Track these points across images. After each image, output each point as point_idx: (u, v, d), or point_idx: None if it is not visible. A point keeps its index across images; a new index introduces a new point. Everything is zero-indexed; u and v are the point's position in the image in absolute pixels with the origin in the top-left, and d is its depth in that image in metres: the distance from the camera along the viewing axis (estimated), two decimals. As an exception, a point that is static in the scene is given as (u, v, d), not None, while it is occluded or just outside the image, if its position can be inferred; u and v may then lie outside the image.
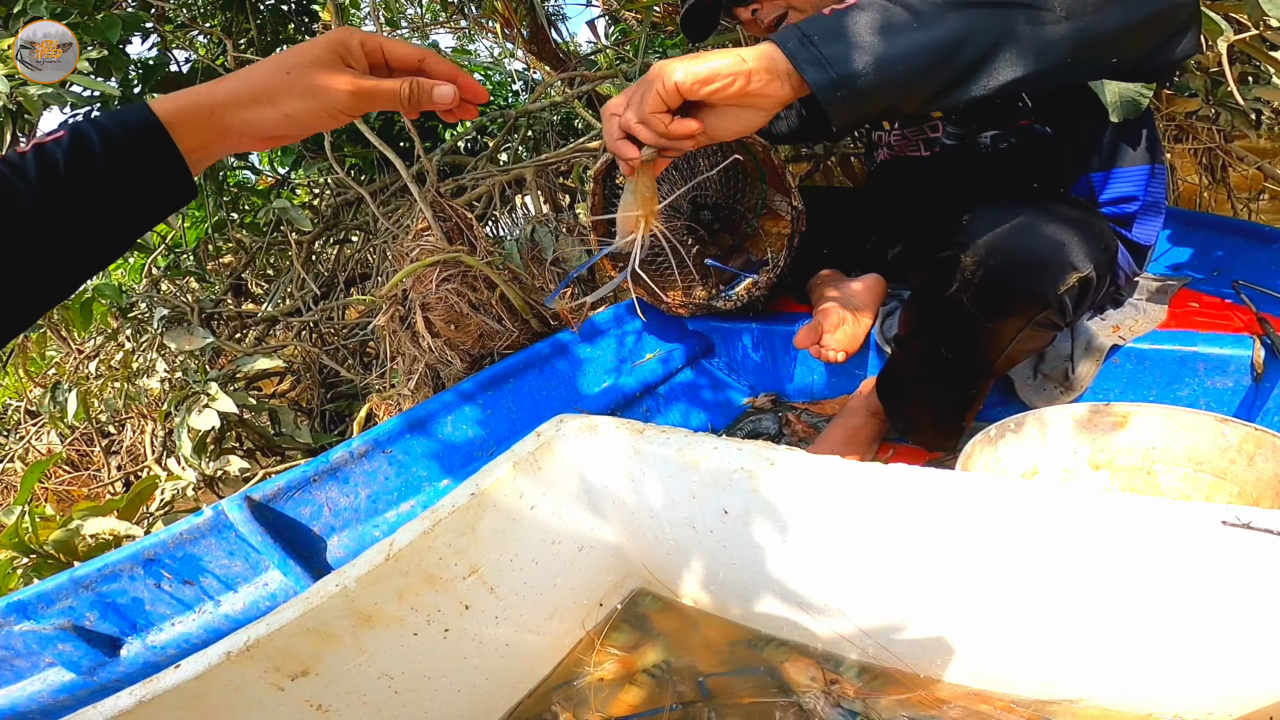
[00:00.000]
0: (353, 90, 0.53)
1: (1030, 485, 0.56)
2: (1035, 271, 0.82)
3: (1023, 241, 0.82)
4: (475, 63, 3.60)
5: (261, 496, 1.01)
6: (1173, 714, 0.61)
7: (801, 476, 0.63)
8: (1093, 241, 0.84)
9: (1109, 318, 1.17)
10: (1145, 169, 1.06)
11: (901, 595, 0.68)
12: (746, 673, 0.80)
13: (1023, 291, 0.84)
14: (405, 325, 1.18)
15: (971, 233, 0.84)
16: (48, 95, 1.20)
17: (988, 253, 0.83)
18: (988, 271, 0.83)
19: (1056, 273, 0.82)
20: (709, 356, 1.36)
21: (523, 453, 0.75)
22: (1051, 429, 0.96)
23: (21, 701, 1.08)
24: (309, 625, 0.63)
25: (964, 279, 0.84)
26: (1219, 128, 1.52)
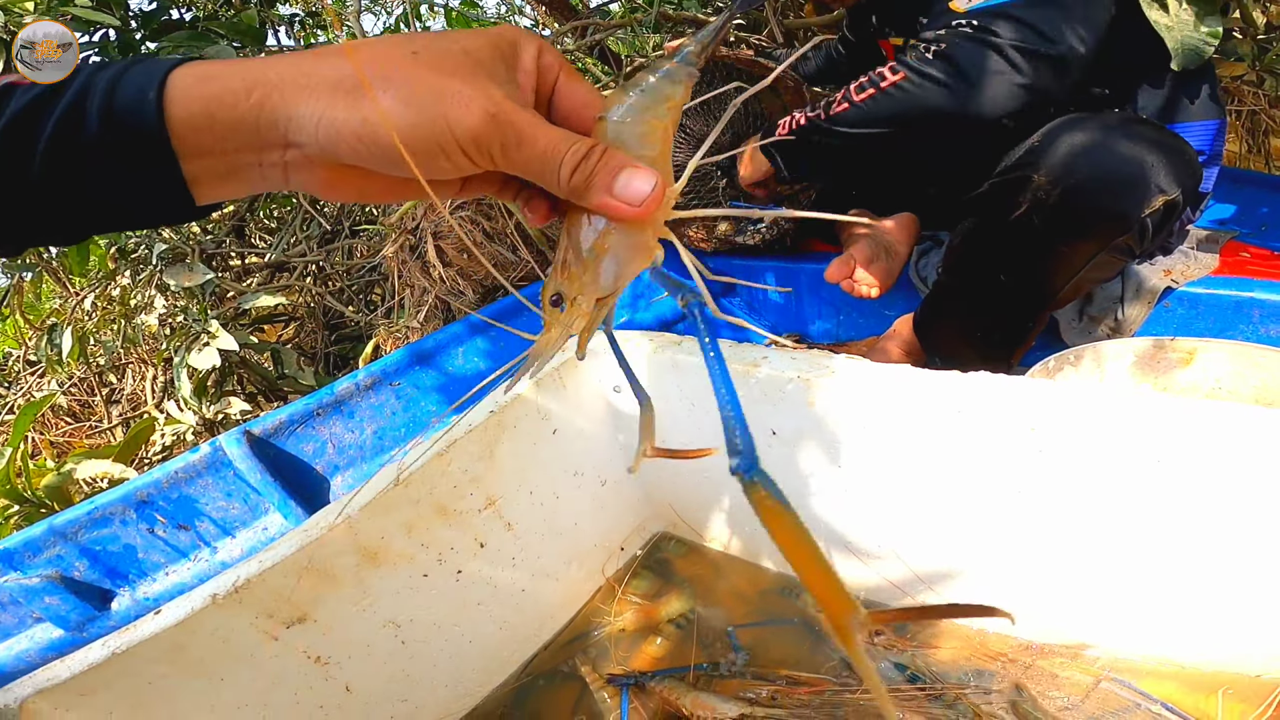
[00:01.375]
0: (492, 115, 0.29)
1: (1151, 395, 0.46)
2: (1120, 190, 0.74)
3: (1107, 159, 0.74)
4: (484, 18, 3.43)
5: (261, 431, 0.91)
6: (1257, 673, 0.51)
7: (864, 387, 0.53)
8: (1179, 163, 0.76)
9: (1159, 263, 1.07)
10: (1213, 124, 0.97)
11: (963, 536, 0.59)
12: (780, 623, 0.71)
13: (1105, 211, 0.75)
14: (415, 255, 1.07)
15: (1045, 152, 0.76)
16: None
17: (1065, 171, 0.74)
18: (1065, 191, 0.74)
19: (1142, 193, 0.74)
20: (729, 295, 1.26)
21: (547, 369, 0.64)
22: (1111, 364, 0.87)
23: (9, 662, 0.99)
24: (306, 562, 0.53)
25: (1035, 199, 0.75)
26: (1264, 92, 1.43)
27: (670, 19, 2.20)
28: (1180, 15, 0.88)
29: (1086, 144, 0.75)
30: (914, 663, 0.64)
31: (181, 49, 1.40)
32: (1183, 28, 0.89)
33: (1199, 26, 0.89)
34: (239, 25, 1.50)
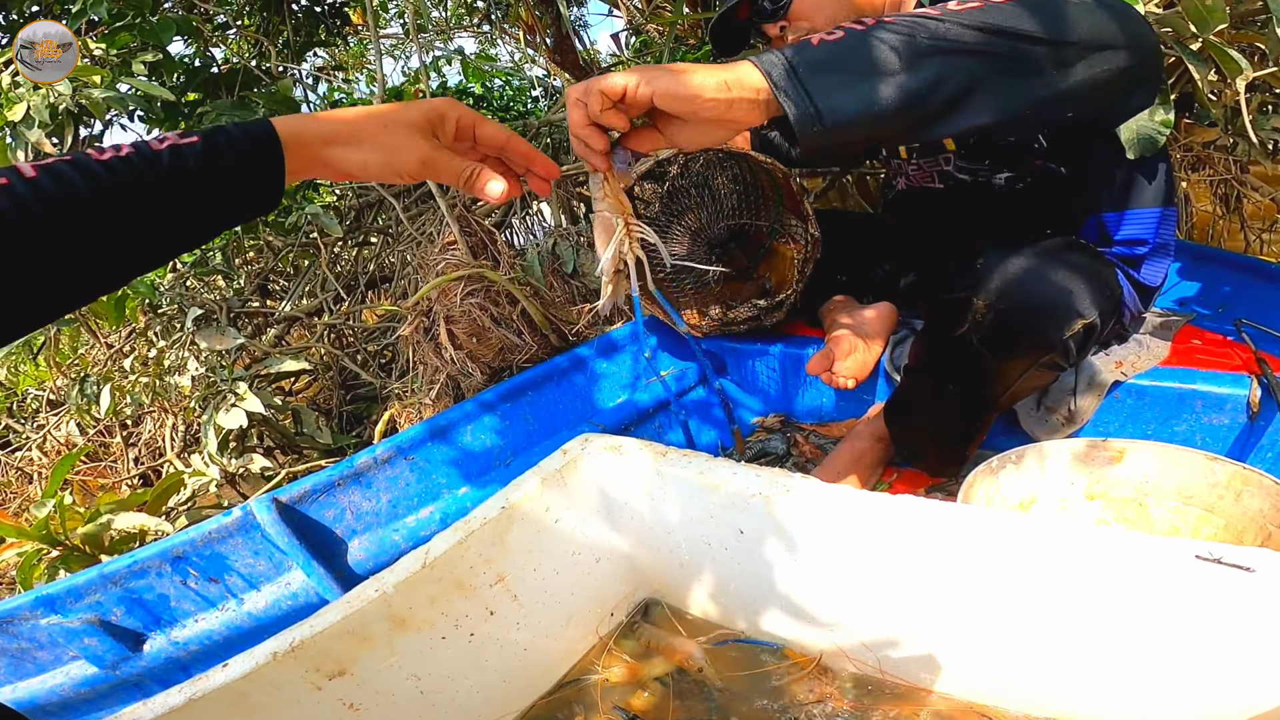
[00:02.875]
0: (421, 160, 0.60)
1: (1018, 517, 0.61)
2: (1042, 317, 0.87)
3: (1032, 287, 0.87)
4: (497, 68, 3.65)
5: (288, 498, 1.06)
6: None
7: (814, 503, 0.68)
8: (1099, 289, 0.89)
9: (1113, 353, 1.21)
10: (1158, 211, 1.09)
11: (900, 614, 0.73)
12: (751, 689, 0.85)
13: (1030, 335, 0.88)
14: (429, 336, 1.23)
15: (984, 276, 0.89)
16: (110, 98, 1.25)
17: (998, 297, 0.87)
18: (998, 315, 0.87)
19: (1063, 318, 0.86)
20: (721, 375, 1.41)
21: (550, 469, 0.80)
22: (1050, 461, 1.01)
23: (42, 694, 1.12)
24: (349, 628, 0.68)
25: (974, 320, 0.89)
26: (1235, 158, 1.56)
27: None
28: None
29: (1019, 271, 0.88)
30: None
31: (224, 117, 1.57)
32: (1138, 118, 0.96)
33: (1153, 115, 0.97)
34: (275, 95, 1.68)
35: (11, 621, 1.05)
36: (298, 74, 1.98)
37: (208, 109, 1.53)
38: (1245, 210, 1.68)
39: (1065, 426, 1.19)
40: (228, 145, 0.54)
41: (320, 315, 1.76)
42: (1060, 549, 0.61)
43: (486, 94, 3.23)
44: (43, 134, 1.25)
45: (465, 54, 3.26)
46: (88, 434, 1.79)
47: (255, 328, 1.79)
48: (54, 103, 1.23)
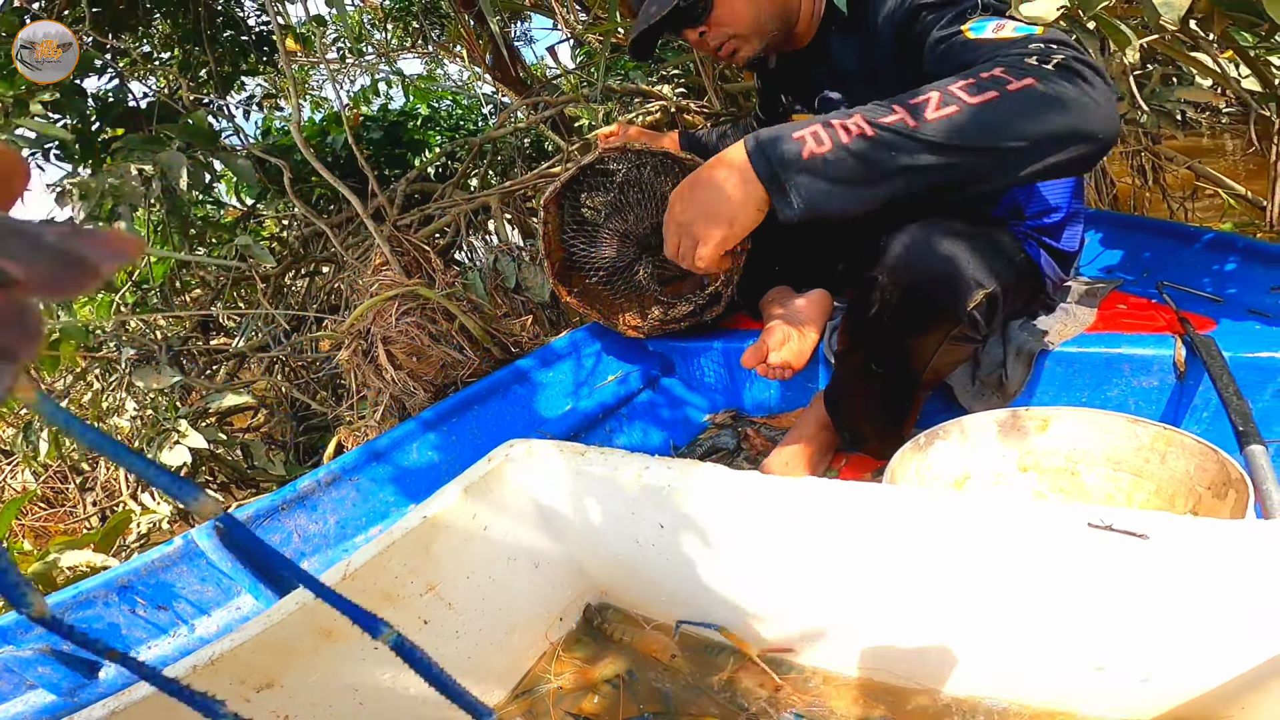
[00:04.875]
0: None
1: (907, 493, 0.65)
2: (942, 290, 0.90)
3: (928, 262, 0.90)
4: (443, 88, 3.70)
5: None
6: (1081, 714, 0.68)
7: (721, 491, 0.71)
8: (995, 258, 0.93)
9: (1040, 322, 1.26)
10: (1067, 181, 1.15)
11: (834, 601, 0.76)
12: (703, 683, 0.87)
13: (933, 309, 0.92)
14: (368, 359, 1.26)
15: (887, 254, 0.93)
16: (6, 140, 1.27)
17: (900, 274, 0.91)
18: (902, 292, 0.91)
19: (962, 290, 0.90)
20: (668, 375, 1.45)
21: (473, 477, 0.82)
22: (976, 435, 1.05)
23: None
24: (271, 640, 0.70)
25: (883, 299, 0.93)
26: (1145, 130, 1.62)
27: (616, 91, 2.46)
28: None
29: (913, 246, 0.91)
30: (810, 713, 0.81)
31: (136, 152, 1.58)
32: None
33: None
34: (190, 129, 1.69)
35: (-37, 651, 1.07)
36: (222, 105, 2.00)
37: (118, 145, 1.54)
38: (1165, 180, 1.74)
39: (999, 399, 1.23)
40: None
41: (267, 349, 1.78)
42: (959, 522, 0.64)
43: (434, 114, 3.28)
44: None
45: (405, 75, 3.30)
46: (41, 480, 1.79)
47: (202, 367, 1.81)
48: None
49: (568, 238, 1.37)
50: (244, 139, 2.09)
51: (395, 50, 3.76)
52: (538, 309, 1.50)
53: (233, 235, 1.85)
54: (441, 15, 3.46)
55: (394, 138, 3.10)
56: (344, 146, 2.65)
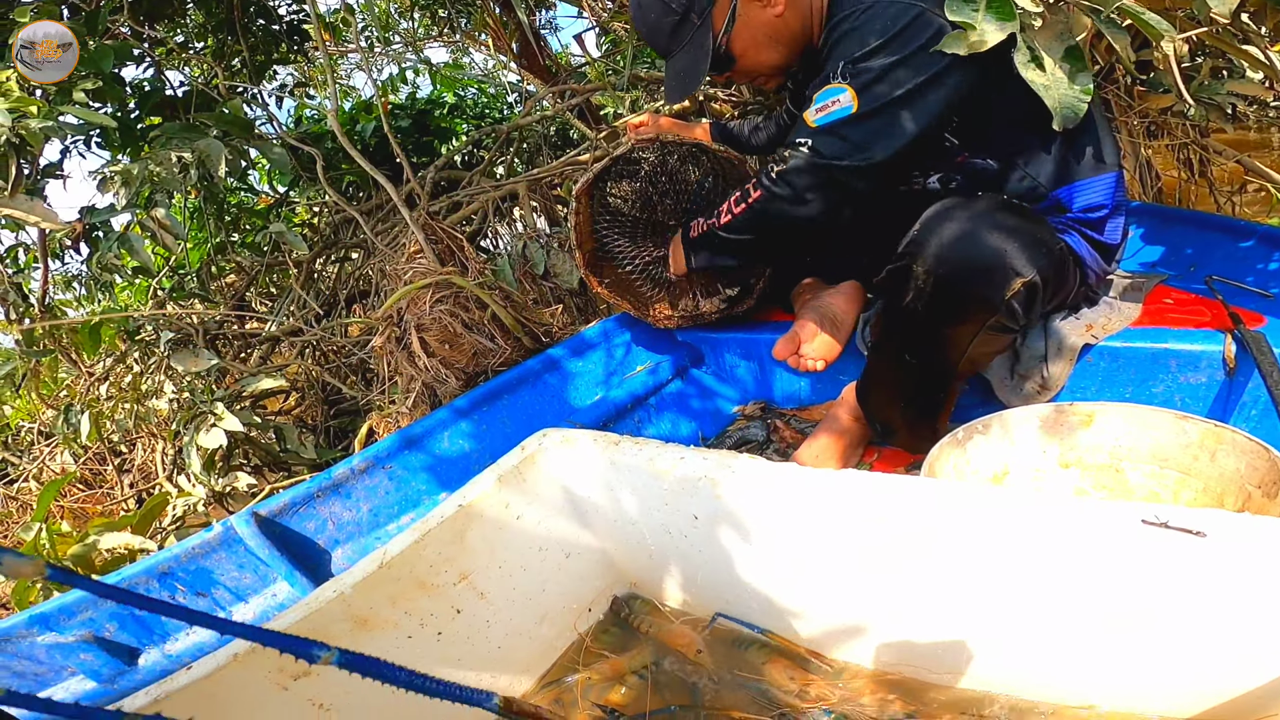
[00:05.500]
0: None
1: (959, 486, 0.62)
2: (979, 278, 0.88)
3: (965, 250, 0.88)
4: (469, 76, 3.69)
5: (268, 512, 1.09)
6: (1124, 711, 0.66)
7: (759, 482, 0.70)
8: (1033, 247, 0.90)
9: (1083, 316, 1.22)
10: (1110, 176, 1.11)
11: (868, 596, 0.74)
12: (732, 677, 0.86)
13: (970, 298, 0.89)
14: (402, 346, 1.26)
15: (920, 242, 0.90)
16: (48, 128, 1.27)
17: (935, 262, 0.89)
18: (936, 280, 0.89)
19: (1000, 279, 0.88)
20: (698, 366, 1.43)
21: (507, 466, 0.82)
22: (1018, 430, 1.02)
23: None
24: (309, 628, 0.70)
25: (916, 288, 0.90)
26: (1193, 123, 1.57)
27: (643, 80, 2.42)
28: (1055, 73, 0.97)
29: (951, 236, 0.90)
30: (841, 709, 0.79)
31: (175, 140, 1.59)
32: (1059, 85, 0.97)
33: (1072, 84, 0.98)
34: (227, 117, 1.70)
35: (9, 640, 1.09)
36: (257, 94, 2.01)
37: (158, 133, 1.55)
38: (1212, 174, 1.67)
39: (1040, 394, 1.19)
40: None
41: (300, 334, 1.79)
42: (1005, 517, 0.62)
43: (460, 102, 3.27)
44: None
45: (432, 64, 3.29)
46: (80, 462, 1.84)
47: (236, 351, 1.83)
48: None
49: (599, 228, 1.35)
50: (277, 127, 2.10)
51: (421, 39, 3.76)
52: (566, 296, 1.49)
53: (265, 222, 1.86)
54: (468, 3, 3.44)
55: (422, 126, 3.11)
56: (373, 134, 2.66)
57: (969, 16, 0.94)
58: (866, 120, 1.02)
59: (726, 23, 1.15)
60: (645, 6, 1.19)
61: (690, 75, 1.17)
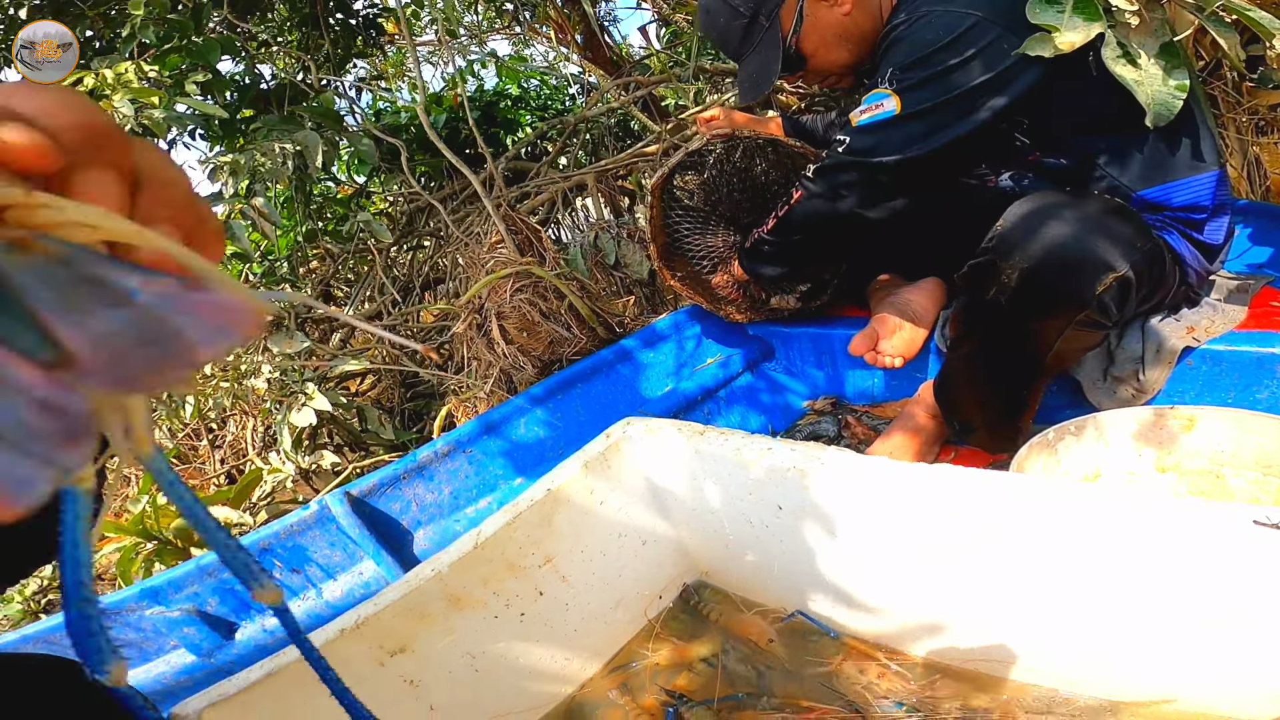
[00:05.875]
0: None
1: (1067, 484, 0.61)
2: (1070, 272, 0.86)
3: (1055, 244, 0.85)
4: (531, 68, 3.73)
5: (359, 492, 1.14)
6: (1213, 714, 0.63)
7: (849, 475, 0.69)
8: (1126, 241, 0.87)
9: (1184, 318, 1.16)
10: (1209, 175, 1.05)
11: (951, 592, 0.73)
12: (800, 667, 0.86)
13: (1059, 292, 0.87)
14: (482, 332, 1.30)
15: (1006, 237, 0.88)
16: (170, 118, 1.36)
17: (1021, 256, 0.86)
18: (1022, 275, 0.86)
19: (1092, 273, 0.85)
20: (768, 360, 1.42)
21: (593, 453, 0.84)
22: (1113, 432, 0.98)
23: (147, 683, 1.23)
24: (409, 605, 0.74)
25: (1000, 283, 0.88)
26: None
27: (708, 71, 2.41)
28: (1149, 69, 0.95)
29: (1037, 229, 0.87)
30: (920, 707, 0.78)
31: (274, 131, 1.67)
32: (1151, 82, 0.95)
33: (1167, 80, 0.96)
34: (319, 109, 1.78)
35: (120, 613, 1.17)
36: (340, 86, 2.09)
37: (259, 125, 1.63)
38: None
39: (1135, 398, 1.15)
40: None
41: (380, 319, 1.87)
42: (1112, 517, 0.60)
43: (524, 94, 3.31)
44: None
45: (499, 57, 3.34)
46: (177, 437, 1.96)
47: (321, 332, 1.91)
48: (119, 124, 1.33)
49: (671, 221, 1.36)
50: (358, 118, 2.17)
51: (485, 31, 3.81)
52: (635, 286, 1.51)
53: (347, 210, 1.94)
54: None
55: (489, 117, 3.17)
56: (444, 125, 2.73)
57: (1054, 19, 0.93)
58: (908, 122, 1.04)
59: (795, 24, 1.16)
60: (713, 12, 1.21)
61: (762, 76, 1.19)
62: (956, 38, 0.98)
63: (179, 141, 1.67)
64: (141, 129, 1.27)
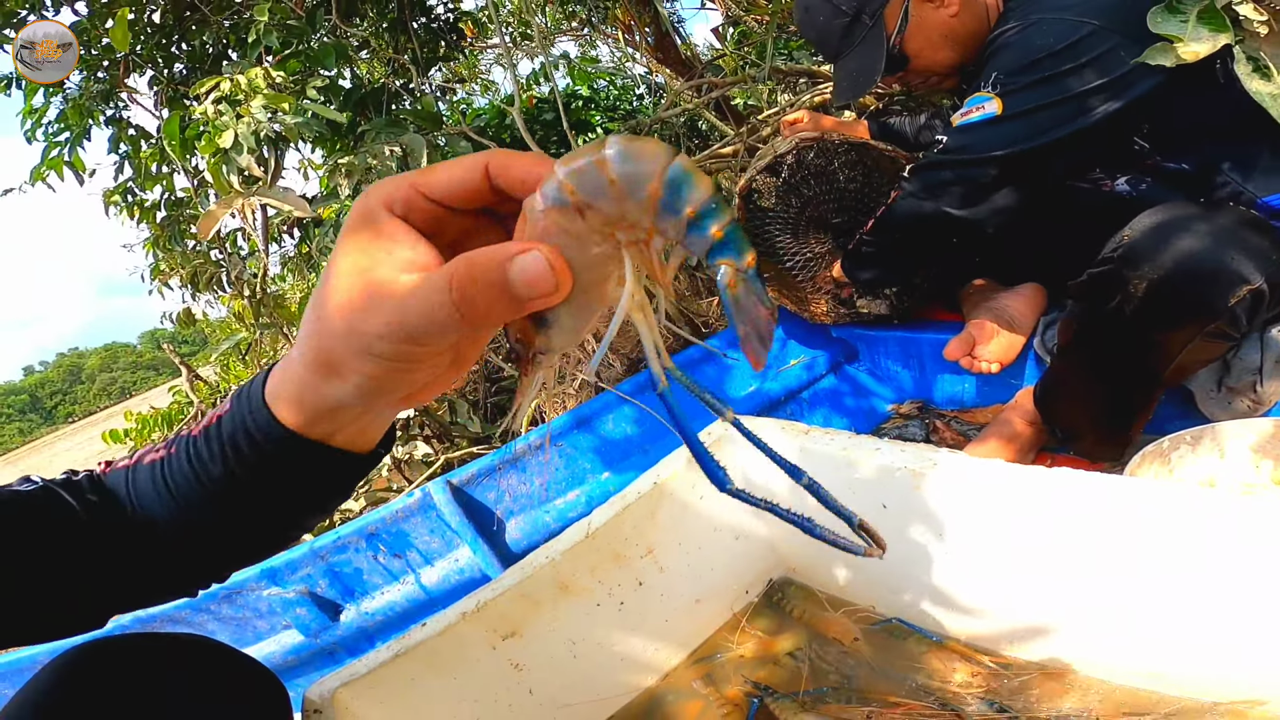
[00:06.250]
0: (385, 325, 0.32)
1: (1193, 490, 0.60)
2: (1202, 284, 0.83)
3: (1187, 254, 0.83)
4: (600, 69, 3.79)
5: (459, 482, 1.20)
6: None
7: (964, 477, 0.70)
8: (1261, 253, 0.83)
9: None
10: None
11: (1064, 598, 0.72)
12: (888, 665, 0.86)
13: (1190, 304, 0.85)
14: (571, 330, 1.33)
15: (1131, 246, 0.86)
16: (300, 124, 1.44)
17: (1149, 266, 0.84)
18: (1150, 285, 0.84)
19: (1225, 285, 0.82)
20: (853, 363, 1.42)
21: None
22: (1231, 443, 0.95)
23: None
24: (524, 591, 0.78)
25: (1126, 293, 0.86)
26: None
27: (783, 72, 2.40)
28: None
29: (1167, 239, 0.85)
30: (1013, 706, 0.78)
31: (382, 135, 1.73)
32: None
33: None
34: (421, 112, 1.85)
35: (240, 593, 1.26)
36: (431, 90, 2.17)
37: (367, 128, 1.71)
38: None
39: (1252, 409, 1.10)
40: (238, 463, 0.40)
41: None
42: (1222, 522, 0.59)
43: (594, 95, 3.37)
44: (251, 159, 1.46)
45: (570, 58, 3.41)
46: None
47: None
48: (255, 129, 1.43)
49: (757, 223, 1.37)
50: (447, 118, 2.25)
51: (553, 33, 3.89)
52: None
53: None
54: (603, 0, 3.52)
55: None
56: (536, 124, 2.80)
57: (1176, 29, 0.91)
58: (1009, 123, 1.04)
59: (900, 23, 1.16)
60: (813, 9, 1.21)
61: (864, 75, 1.19)
62: (1070, 45, 0.97)
63: (293, 145, 1.76)
64: (275, 134, 1.36)
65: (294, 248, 2.17)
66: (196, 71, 1.97)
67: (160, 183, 1.98)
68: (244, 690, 0.56)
